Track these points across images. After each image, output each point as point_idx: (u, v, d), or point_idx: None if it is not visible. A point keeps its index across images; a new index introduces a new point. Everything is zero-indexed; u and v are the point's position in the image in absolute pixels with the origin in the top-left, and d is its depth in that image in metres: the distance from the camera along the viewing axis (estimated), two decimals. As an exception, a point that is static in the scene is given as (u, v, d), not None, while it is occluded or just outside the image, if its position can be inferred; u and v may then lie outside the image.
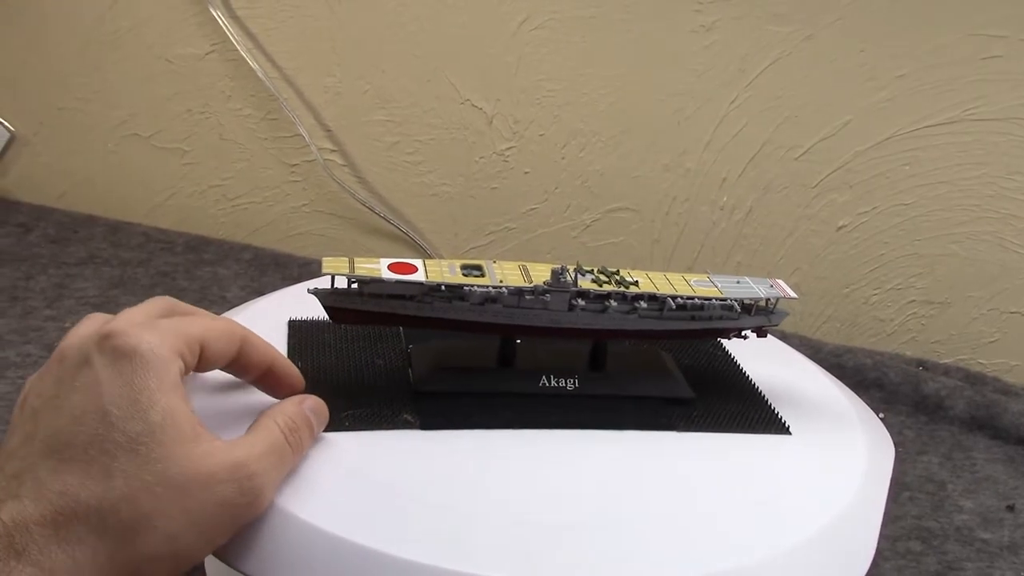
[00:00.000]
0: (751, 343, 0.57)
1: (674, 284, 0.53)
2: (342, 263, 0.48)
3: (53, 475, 0.38)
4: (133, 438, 0.38)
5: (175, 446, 0.38)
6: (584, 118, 0.96)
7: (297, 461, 0.44)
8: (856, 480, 0.50)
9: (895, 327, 0.94)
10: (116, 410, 0.38)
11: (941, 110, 0.86)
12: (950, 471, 0.75)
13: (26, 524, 0.36)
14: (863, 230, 0.91)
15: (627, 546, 0.43)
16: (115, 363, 0.40)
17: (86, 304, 0.90)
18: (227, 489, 0.39)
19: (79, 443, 0.38)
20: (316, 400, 0.46)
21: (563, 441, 0.50)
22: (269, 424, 0.43)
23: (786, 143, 0.91)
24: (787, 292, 0.55)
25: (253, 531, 0.41)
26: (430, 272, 0.49)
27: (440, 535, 0.41)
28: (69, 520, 0.37)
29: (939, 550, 0.65)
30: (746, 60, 0.89)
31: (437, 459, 0.47)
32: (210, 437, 0.40)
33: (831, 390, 0.62)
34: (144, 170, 1.12)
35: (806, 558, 0.44)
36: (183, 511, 0.38)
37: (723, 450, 0.51)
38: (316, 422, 0.46)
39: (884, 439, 0.57)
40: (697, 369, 0.59)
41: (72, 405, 0.39)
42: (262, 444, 0.42)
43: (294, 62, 1.03)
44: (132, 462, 0.38)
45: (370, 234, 1.07)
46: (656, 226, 0.97)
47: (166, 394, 0.39)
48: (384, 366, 0.52)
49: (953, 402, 0.82)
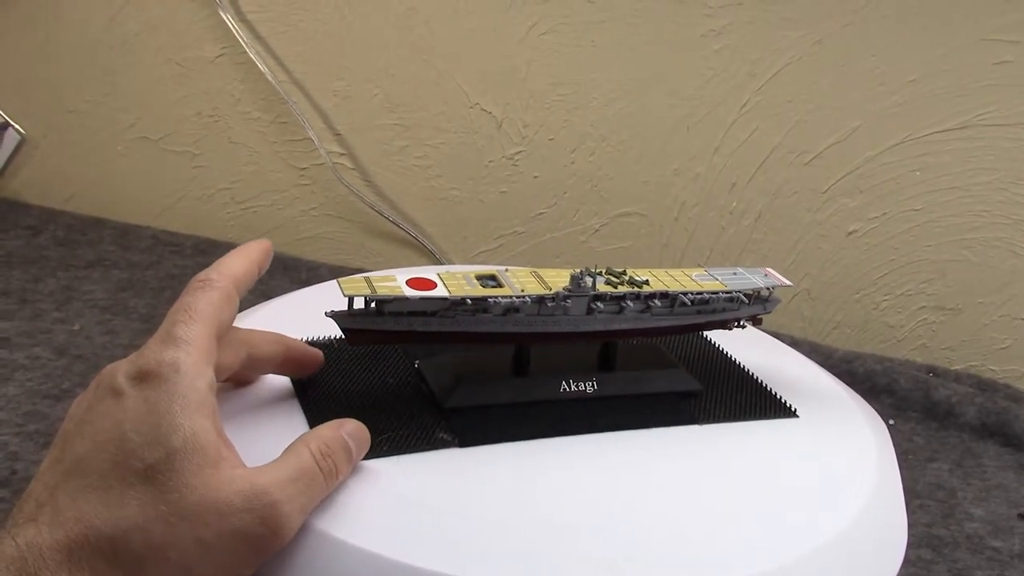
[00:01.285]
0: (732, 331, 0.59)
1: (679, 280, 0.54)
2: (360, 283, 0.47)
3: (71, 501, 0.38)
4: (151, 466, 0.38)
5: (193, 475, 0.38)
6: (593, 122, 0.96)
7: (331, 488, 0.42)
8: (872, 456, 0.52)
9: (905, 333, 0.93)
10: (136, 436, 0.38)
11: (952, 115, 0.85)
12: (960, 478, 0.74)
13: (40, 548, 0.36)
14: (873, 235, 0.91)
15: (696, 547, 0.43)
16: (142, 391, 0.39)
17: (94, 307, 0.90)
18: (246, 519, 0.38)
19: (98, 470, 0.38)
20: (356, 425, 0.45)
21: (597, 446, 0.50)
22: (301, 449, 0.42)
23: (796, 148, 0.90)
24: (781, 280, 0.57)
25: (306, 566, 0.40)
26: (450, 286, 0.48)
27: (506, 554, 0.41)
28: (82, 547, 0.37)
29: (949, 558, 0.65)
30: (756, 64, 0.89)
31: (482, 476, 0.46)
32: (234, 462, 0.39)
33: (809, 368, 0.64)
34: (153, 173, 1.12)
35: (865, 531, 0.47)
36: (197, 542, 0.37)
37: (748, 440, 0.52)
38: (355, 447, 0.44)
39: (871, 412, 0.60)
40: (691, 361, 0.60)
41: (96, 431, 0.39)
42: (289, 470, 0.40)
43: (304, 65, 1.03)
44: (148, 491, 0.37)
45: (379, 238, 1.06)
46: (665, 231, 0.97)
47: (190, 417, 0.39)
48: (396, 384, 0.52)
49: (964, 409, 0.82)
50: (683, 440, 0.51)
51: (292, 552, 0.40)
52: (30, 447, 0.67)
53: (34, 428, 0.69)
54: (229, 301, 0.45)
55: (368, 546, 0.40)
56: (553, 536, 0.43)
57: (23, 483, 0.63)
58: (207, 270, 0.46)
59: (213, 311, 0.44)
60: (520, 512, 0.44)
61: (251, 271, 0.48)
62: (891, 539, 0.49)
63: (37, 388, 0.75)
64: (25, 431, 0.69)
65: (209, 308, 0.44)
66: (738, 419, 0.54)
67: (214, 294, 0.45)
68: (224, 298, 0.45)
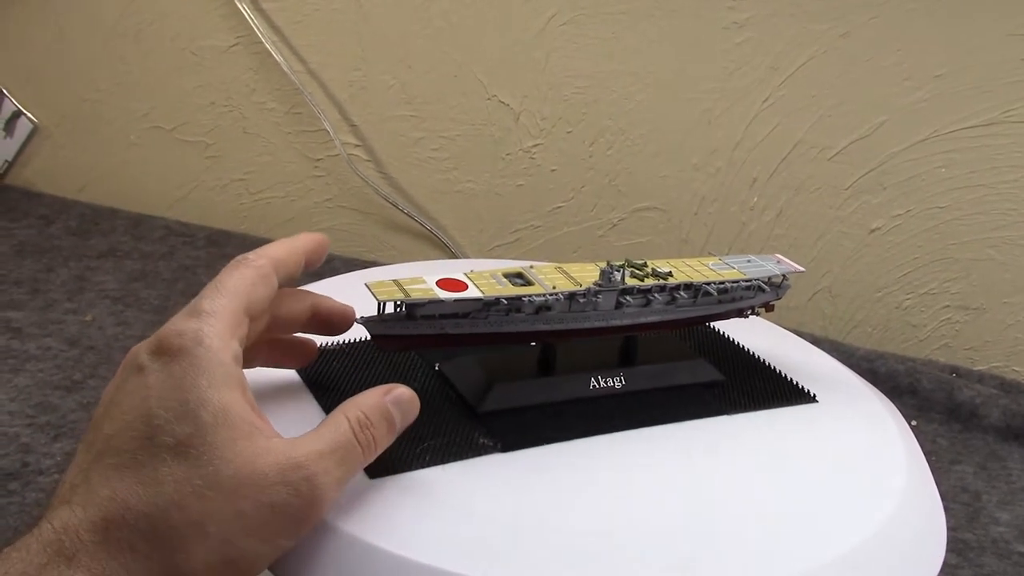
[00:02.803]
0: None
1: (698, 270, 0.54)
2: (391, 288, 0.46)
3: (104, 481, 0.37)
4: (182, 440, 0.37)
5: (227, 447, 0.37)
6: (612, 115, 0.95)
7: (369, 459, 0.41)
8: (898, 438, 0.52)
9: (928, 333, 0.92)
10: (164, 412, 0.37)
11: (979, 111, 0.84)
12: (985, 481, 0.73)
13: (76, 529, 0.36)
14: (897, 233, 0.89)
15: (761, 544, 0.42)
16: (165, 365, 0.38)
17: (106, 297, 0.89)
18: (281, 491, 0.37)
19: (129, 448, 0.37)
20: (403, 390, 0.43)
21: (639, 443, 0.49)
22: (339, 420, 0.40)
23: (819, 143, 0.89)
24: (794, 267, 0.57)
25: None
26: (482, 287, 0.47)
27: (573, 561, 0.40)
28: (119, 526, 0.36)
29: (975, 563, 0.63)
30: (779, 58, 0.88)
31: (533, 482, 0.45)
32: (268, 433, 0.39)
33: (812, 352, 0.64)
34: (166, 163, 1.11)
35: (909, 517, 0.46)
36: (236, 515, 0.36)
37: (780, 428, 0.52)
38: (399, 414, 0.43)
39: (879, 394, 0.60)
40: (704, 351, 0.60)
41: (122, 411, 0.38)
42: (325, 442, 0.39)
43: (319, 56, 1.02)
44: (181, 466, 0.36)
45: (393, 231, 1.06)
46: (684, 226, 0.96)
47: (218, 390, 0.38)
48: (419, 389, 0.51)
49: (988, 410, 0.81)
50: (719, 432, 0.51)
51: (353, 570, 0.39)
52: (41, 439, 0.66)
53: (45, 420, 0.69)
54: (264, 280, 0.44)
55: (429, 561, 0.39)
56: (617, 540, 0.42)
57: (34, 476, 0.62)
58: (247, 252, 0.45)
59: (244, 286, 0.43)
60: (579, 517, 0.43)
61: (295, 258, 0.46)
62: (933, 523, 0.49)
63: (48, 379, 0.74)
64: (36, 423, 0.68)
65: (240, 283, 0.43)
66: (763, 407, 0.54)
67: (248, 271, 0.43)
68: (258, 276, 0.43)
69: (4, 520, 0.58)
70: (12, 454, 0.64)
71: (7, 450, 0.65)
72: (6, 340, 0.80)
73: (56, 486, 0.38)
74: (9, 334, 0.81)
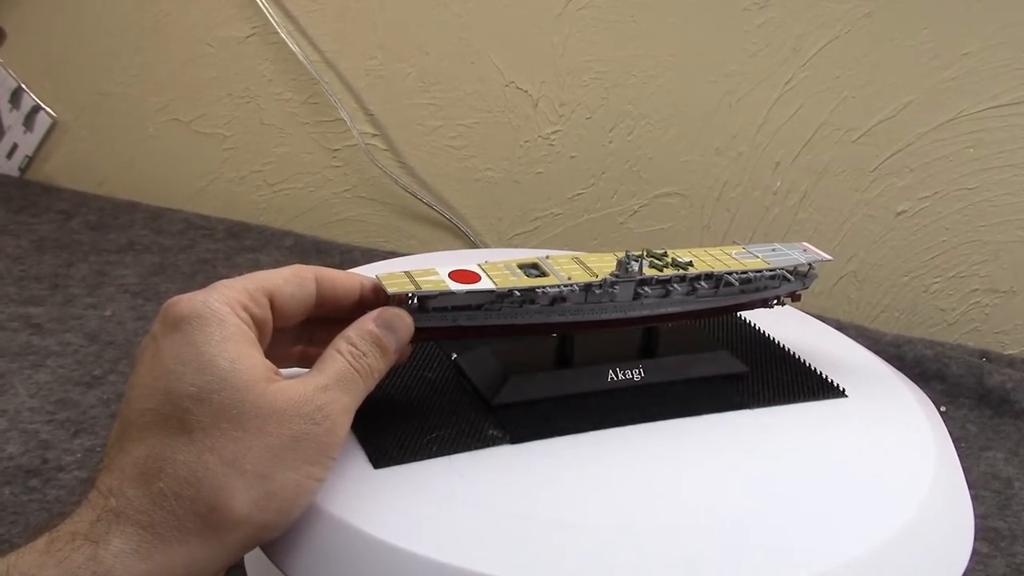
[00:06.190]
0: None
1: (720, 259, 0.53)
2: (403, 280, 0.46)
3: (138, 441, 0.39)
4: (203, 387, 0.39)
5: (247, 390, 0.39)
6: (632, 100, 0.93)
7: (375, 382, 0.43)
8: (929, 435, 0.51)
9: (957, 316, 0.90)
10: (180, 366, 0.39)
11: (1008, 90, 0.82)
12: (1017, 467, 0.72)
13: (120, 487, 0.38)
14: (924, 215, 0.88)
15: (778, 542, 0.42)
16: (174, 331, 0.40)
17: (126, 292, 0.89)
18: (299, 423, 0.39)
19: (152, 406, 0.39)
20: (386, 312, 0.44)
21: (653, 436, 0.48)
22: (333, 356, 0.43)
23: (843, 125, 0.87)
24: (821, 255, 0.56)
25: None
26: (495, 278, 0.47)
27: (581, 556, 0.39)
28: (159, 476, 0.38)
29: (1007, 552, 0.62)
30: (802, 39, 0.86)
31: (540, 474, 0.44)
32: (279, 378, 0.41)
33: (840, 341, 0.63)
34: (185, 155, 1.11)
35: (935, 514, 0.46)
36: (267, 449, 0.39)
37: (802, 425, 0.51)
38: (386, 335, 0.44)
39: (910, 384, 0.58)
40: (730, 341, 0.59)
41: (142, 376, 0.40)
42: (326, 376, 0.41)
43: (336, 45, 1.01)
44: (207, 412, 0.38)
45: (412, 220, 1.05)
46: (707, 212, 0.95)
47: (231, 342, 0.40)
48: (435, 379, 0.50)
49: (1019, 395, 0.79)
50: (738, 427, 0.50)
51: (353, 562, 0.40)
52: (61, 435, 0.66)
53: (65, 416, 0.68)
54: (297, 278, 0.45)
55: (431, 554, 0.39)
56: (626, 535, 0.41)
57: (55, 472, 0.62)
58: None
59: (269, 275, 0.44)
60: (588, 511, 0.42)
61: (343, 280, 0.47)
62: (961, 519, 0.48)
63: (69, 375, 0.74)
64: (56, 419, 0.68)
65: (266, 273, 0.45)
66: (788, 401, 0.52)
67: (284, 269, 0.45)
68: (292, 273, 0.45)
69: (25, 518, 0.58)
70: (32, 451, 0.64)
71: (27, 447, 0.64)
72: (27, 336, 0.80)
73: (76, 483, 0.39)
74: (30, 330, 0.81)
